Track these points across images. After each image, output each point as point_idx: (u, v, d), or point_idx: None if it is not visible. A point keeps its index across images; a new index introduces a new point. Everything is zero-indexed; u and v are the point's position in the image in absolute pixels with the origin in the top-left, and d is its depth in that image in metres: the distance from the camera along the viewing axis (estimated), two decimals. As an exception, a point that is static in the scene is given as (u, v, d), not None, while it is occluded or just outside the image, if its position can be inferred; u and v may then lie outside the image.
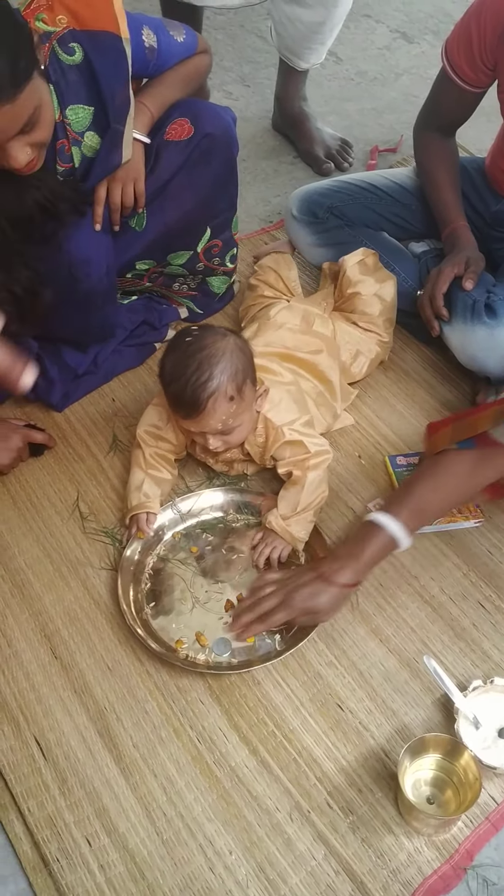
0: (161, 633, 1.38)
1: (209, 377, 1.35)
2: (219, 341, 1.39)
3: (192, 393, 1.36)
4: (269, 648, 1.36)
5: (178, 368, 1.37)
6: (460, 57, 1.62)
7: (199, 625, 1.39)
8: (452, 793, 1.19)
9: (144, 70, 1.44)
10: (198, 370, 1.36)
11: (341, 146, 2.28)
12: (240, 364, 1.39)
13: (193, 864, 1.17)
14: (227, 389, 1.37)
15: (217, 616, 1.40)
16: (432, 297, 1.63)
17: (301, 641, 1.34)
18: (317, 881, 1.16)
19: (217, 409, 1.37)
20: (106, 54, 1.33)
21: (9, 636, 1.39)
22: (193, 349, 1.37)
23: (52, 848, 1.19)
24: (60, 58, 1.31)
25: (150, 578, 1.45)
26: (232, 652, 1.35)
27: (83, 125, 1.37)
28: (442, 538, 1.51)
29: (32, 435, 1.59)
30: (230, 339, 1.41)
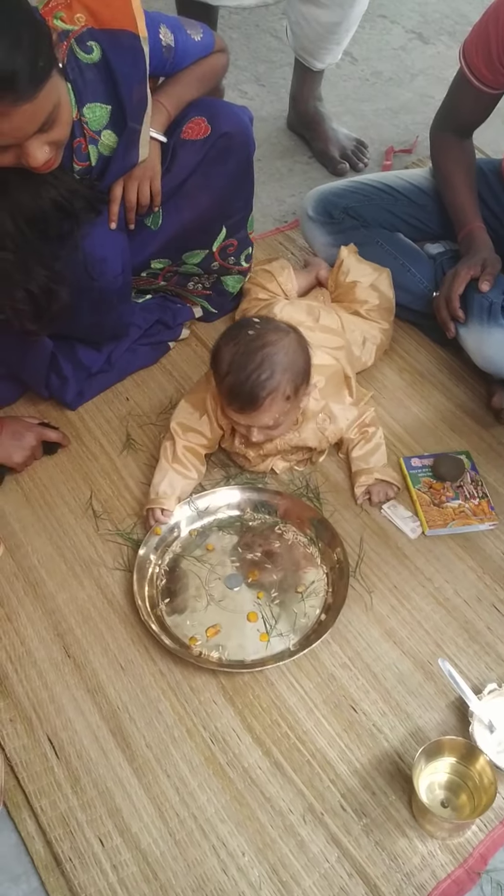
0: (175, 630, 1.38)
1: (270, 375, 1.36)
2: (283, 338, 1.39)
3: (251, 389, 1.36)
4: (283, 648, 1.36)
5: (239, 361, 1.37)
6: (478, 59, 1.61)
7: (212, 622, 1.39)
8: (467, 797, 1.19)
9: (162, 69, 1.43)
10: (259, 367, 1.36)
11: (356, 147, 2.28)
12: (301, 363, 1.41)
13: (206, 865, 1.17)
14: (286, 389, 1.38)
15: (230, 613, 1.39)
16: (448, 298, 1.62)
17: (315, 643, 1.34)
18: (330, 884, 1.15)
19: (273, 407, 1.38)
20: (124, 53, 1.33)
21: (22, 634, 1.39)
22: (256, 345, 1.37)
23: (64, 847, 1.18)
24: (78, 56, 1.31)
25: (165, 575, 1.45)
26: (245, 652, 1.36)
27: (100, 124, 1.37)
28: (456, 541, 1.50)
29: (46, 433, 1.59)
30: (292, 336, 1.41)
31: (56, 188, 1.33)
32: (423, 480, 1.56)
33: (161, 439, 1.58)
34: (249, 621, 1.39)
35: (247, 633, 1.38)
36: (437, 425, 1.68)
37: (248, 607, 1.40)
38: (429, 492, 1.54)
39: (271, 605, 1.41)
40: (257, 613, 1.39)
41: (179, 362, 1.79)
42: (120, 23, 1.32)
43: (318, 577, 1.44)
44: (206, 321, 1.85)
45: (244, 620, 1.39)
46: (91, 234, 1.43)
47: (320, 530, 1.48)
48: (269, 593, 1.42)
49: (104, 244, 1.46)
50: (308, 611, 1.40)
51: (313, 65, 2.18)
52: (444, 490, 1.54)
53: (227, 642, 1.36)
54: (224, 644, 1.36)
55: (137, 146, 1.40)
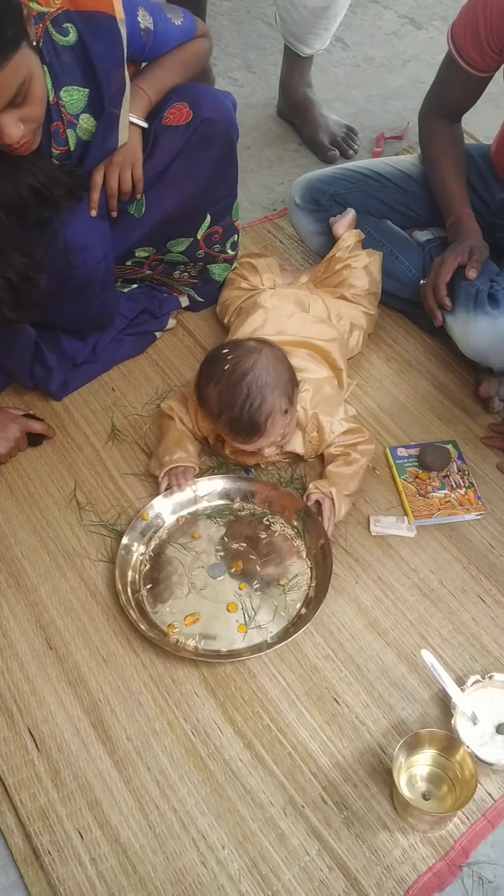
0: (155, 617, 1.37)
1: (262, 400, 1.35)
2: (258, 359, 1.38)
3: (249, 420, 1.36)
4: (261, 640, 1.35)
5: (227, 398, 1.37)
6: (466, 41, 1.58)
7: (192, 611, 1.38)
8: (448, 789, 1.18)
9: (140, 52, 1.41)
10: (249, 396, 1.35)
11: (346, 133, 2.25)
12: (285, 375, 1.40)
13: (186, 857, 1.16)
14: (281, 405, 1.37)
15: (210, 602, 1.39)
16: (435, 286, 1.60)
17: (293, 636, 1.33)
18: (310, 877, 1.15)
19: (275, 426, 1.38)
20: (100, 35, 1.31)
21: (3, 626, 1.38)
22: (236, 376, 1.36)
23: (43, 840, 1.18)
24: (54, 38, 1.29)
25: (149, 561, 1.44)
26: (222, 642, 1.35)
27: (78, 107, 1.35)
28: (442, 531, 1.49)
29: (31, 425, 1.58)
30: (265, 351, 1.40)
31: (35, 174, 1.31)
32: (408, 470, 1.54)
33: (152, 430, 1.59)
34: (229, 612, 1.38)
35: (225, 623, 1.37)
36: (424, 414, 1.66)
37: (229, 597, 1.40)
38: (414, 482, 1.52)
39: (252, 596, 1.40)
40: (237, 604, 1.38)
41: (166, 352, 1.78)
42: (96, 4, 1.30)
43: (302, 571, 1.43)
44: (193, 310, 1.83)
45: (224, 611, 1.38)
46: (71, 221, 1.41)
47: (308, 523, 1.46)
48: (252, 584, 1.41)
49: (85, 232, 1.44)
50: (289, 604, 1.39)
51: (302, 50, 2.16)
52: (430, 480, 1.52)
53: (205, 631, 1.36)
54: (201, 633, 1.35)
55: (116, 131, 1.38)
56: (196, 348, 1.78)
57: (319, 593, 1.38)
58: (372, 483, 1.54)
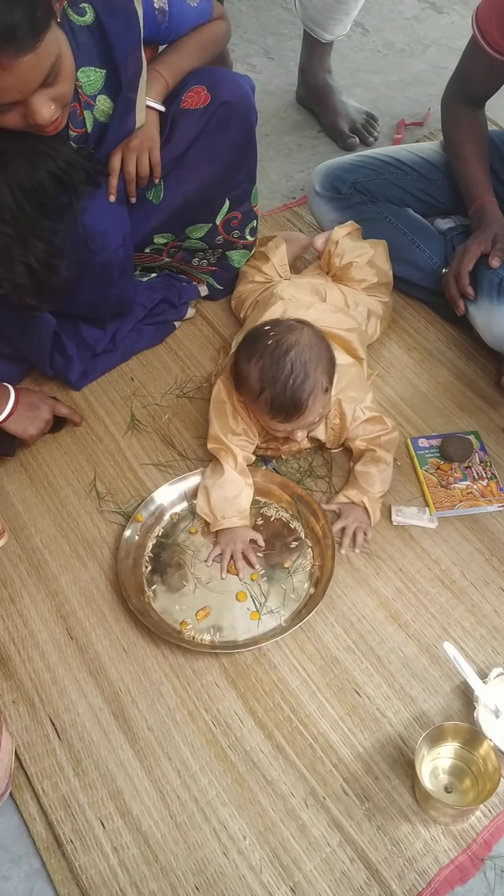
0: (165, 616, 1.37)
1: (306, 376, 1.34)
2: (300, 336, 1.37)
3: (292, 396, 1.34)
4: (275, 624, 1.35)
5: (270, 374, 1.35)
6: (491, 24, 1.56)
7: (202, 605, 1.38)
8: (471, 782, 1.17)
9: (156, 34, 1.40)
10: (293, 372, 1.34)
11: (367, 120, 2.23)
12: (325, 353, 1.39)
13: (207, 848, 1.17)
14: (323, 382, 1.37)
15: (219, 594, 1.39)
16: (458, 275, 1.59)
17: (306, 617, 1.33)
18: (331, 868, 1.15)
19: (316, 404, 1.37)
20: (117, 15, 1.29)
21: (25, 616, 1.38)
22: (280, 351, 1.35)
23: (66, 829, 1.18)
24: (71, 18, 1.27)
25: (150, 562, 1.44)
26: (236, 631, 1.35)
27: (95, 88, 1.33)
28: (464, 522, 1.47)
29: (59, 408, 1.57)
30: (306, 329, 1.39)
31: (54, 160, 1.30)
32: (430, 461, 1.53)
33: (171, 420, 1.58)
34: (239, 601, 1.38)
35: (237, 612, 1.37)
36: (445, 405, 1.65)
37: (237, 587, 1.40)
38: (436, 473, 1.51)
39: (259, 582, 1.40)
40: (246, 592, 1.39)
41: (185, 342, 1.77)
42: None
43: (304, 552, 1.43)
44: (212, 299, 1.82)
45: (233, 601, 1.38)
46: (90, 207, 1.40)
47: (301, 505, 1.47)
48: (257, 571, 1.41)
49: (104, 217, 1.43)
50: (297, 585, 1.40)
51: (322, 36, 2.13)
52: (451, 471, 1.51)
53: (219, 623, 1.36)
54: (215, 626, 1.35)
55: (133, 114, 1.37)
56: (215, 337, 1.77)
57: (325, 572, 1.38)
58: (393, 473, 1.53)
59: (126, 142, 1.41)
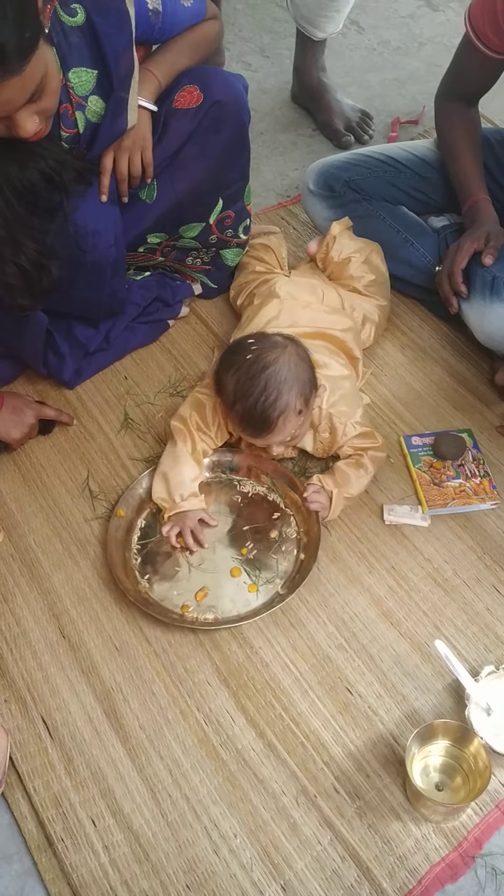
0: (164, 603, 1.38)
1: (277, 396, 1.34)
2: (281, 355, 1.36)
3: (261, 413, 1.34)
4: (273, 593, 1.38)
5: (243, 389, 1.35)
6: (484, 23, 1.56)
7: (199, 587, 1.40)
8: (462, 780, 1.17)
9: (149, 34, 1.40)
10: (265, 390, 1.33)
11: (361, 118, 2.23)
12: (304, 376, 1.38)
13: (198, 846, 1.17)
14: (296, 404, 1.36)
15: (212, 574, 1.41)
16: (451, 273, 1.58)
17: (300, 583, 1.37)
18: (322, 866, 1.15)
19: (286, 425, 1.37)
20: (108, 15, 1.29)
21: (17, 615, 1.38)
22: (256, 368, 1.35)
23: (57, 828, 1.18)
24: (62, 19, 1.27)
25: (138, 554, 1.44)
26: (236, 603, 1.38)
27: (86, 89, 1.33)
28: (457, 520, 1.47)
29: (45, 411, 1.57)
30: (290, 348, 1.38)
31: (45, 159, 1.30)
32: (423, 459, 1.53)
33: (165, 418, 1.57)
34: (233, 577, 1.40)
35: (234, 588, 1.39)
36: (438, 402, 1.64)
37: (229, 564, 1.42)
38: (429, 471, 1.51)
39: (249, 556, 1.42)
40: (239, 568, 1.41)
41: (179, 340, 1.77)
42: None
43: (287, 521, 1.46)
44: (207, 298, 1.82)
45: (228, 578, 1.41)
46: (81, 206, 1.40)
47: (276, 478, 1.49)
48: (245, 545, 1.44)
49: (95, 216, 1.43)
50: (286, 554, 1.43)
51: (314, 34, 2.13)
52: (444, 469, 1.51)
53: (218, 602, 1.38)
54: (215, 605, 1.37)
55: (125, 113, 1.37)
56: (209, 336, 1.77)
57: (311, 536, 1.42)
58: (386, 472, 1.53)
59: (118, 142, 1.41)
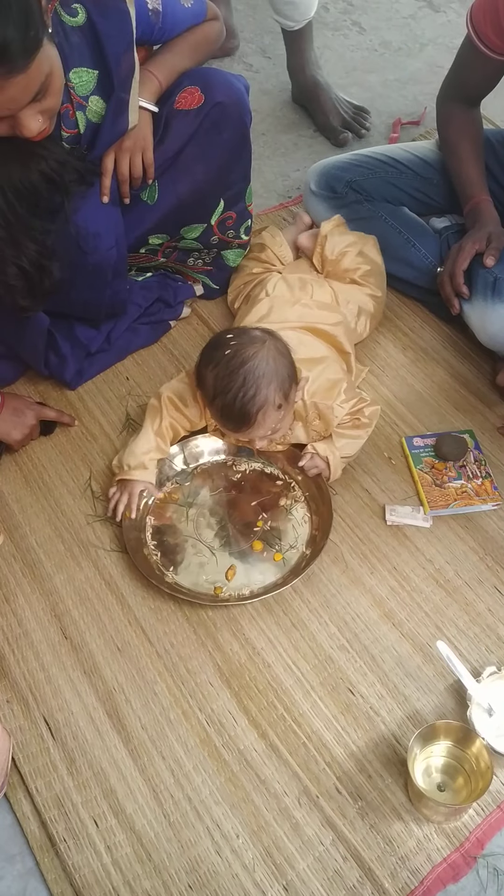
0: (197, 589, 1.39)
1: (256, 391, 1.34)
2: (259, 350, 1.36)
3: (240, 409, 1.34)
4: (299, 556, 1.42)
5: (222, 384, 1.35)
6: (486, 24, 1.56)
7: (226, 566, 1.42)
8: (464, 780, 1.17)
9: (150, 35, 1.40)
10: (244, 385, 1.34)
11: (357, 113, 2.23)
12: (284, 370, 1.38)
13: (200, 846, 1.17)
14: (275, 399, 1.36)
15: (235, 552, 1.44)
16: (452, 274, 1.59)
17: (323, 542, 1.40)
18: (324, 867, 1.15)
19: (266, 420, 1.37)
20: (109, 15, 1.29)
21: (19, 615, 1.39)
22: (235, 363, 1.35)
23: (59, 828, 1.18)
24: (63, 19, 1.27)
25: (156, 549, 1.45)
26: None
27: (87, 89, 1.33)
28: (458, 521, 1.47)
29: (45, 412, 1.58)
30: (269, 343, 1.38)
31: (46, 160, 1.30)
32: (424, 460, 1.53)
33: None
34: (256, 550, 1.43)
35: (260, 560, 1.42)
36: (440, 403, 1.65)
37: (249, 539, 1.45)
38: (431, 472, 1.51)
39: (266, 528, 1.46)
40: (259, 541, 1.44)
41: (180, 341, 1.77)
42: None
43: (292, 488, 1.50)
44: (208, 298, 1.82)
45: (251, 552, 1.43)
46: (82, 207, 1.40)
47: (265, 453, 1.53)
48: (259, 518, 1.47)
49: (96, 218, 1.43)
50: (300, 518, 1.47)
51: (286, 25, 2.15)
52: (446, 470, 1.51)
53: (249, 578, 1.40)
54: (247, 581, 1.40)
55: (126, 113, 1.37)
56: (210, 337, 1.77)
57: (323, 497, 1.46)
58: (387, 472, 1.54)
59: (119, 142, 1.41)
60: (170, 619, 1.37)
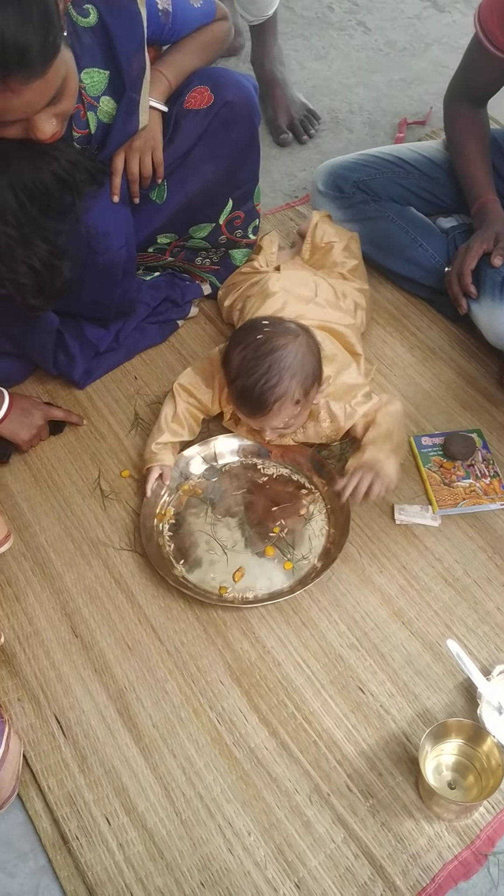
0: (203, 585, 1.40)
1: (278, 381, 1.34)
2: (291, 342, 1.37)
3: (259, 394, 1.35)
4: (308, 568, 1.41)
5: (246, 366, 1.35)
6: (493, 23, 1.56)
7: (235, 568, 1.42)
8: (474, 778, 1.18)
9: (159, 35, 1.40)
10: (268, 372, 1.34)
11: (306, 117, 2.23)
12: (310, 367, 1.38)
13: (212, 844, 1.17)
14: (296, 393, 1.36)
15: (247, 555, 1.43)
16: (460, 273, 1.59)
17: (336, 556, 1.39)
18: (336, 864, 1.15)
19: (283, 411, 1.37)
20: (121, 15, 1.29)
21: (30, 614, 1.39)
22: (264, 349, 1.35)
23: (71, 826, 1.19)
24: (74, 20, 1.27)
25: (171, 540, 1.46)
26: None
27: (98, 89, 1.34)
28: (467, 520, 1.48)
29: (53, 412, 1.58)
30: (302, 338, 1.38)
31: (57, 160, 1.30)
32: (433, 459, 1.53)
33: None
34: (268, 556, 1.43)
35: (270, 567, 1.42)
36: (448, 403, 1.65)
37: (263, 543, 1.44)
38: (439, 471, 1.52)
39: (282, 535, 1.45)
40: (273, 547, 1.43)
41: (188, 340, 1.77)
42: None
43: (314, 497, 1.49)
44: (216, 298, 1.83)
45: (263, 557, 1.43)
46: (93, 207, 1.41)
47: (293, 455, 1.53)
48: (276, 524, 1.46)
49: (107, 217, 1.44)
50: (317, 530, 1.45)
51: (248, 20, 2.17)
52: (454, 469, 1.52)
53: (255, 582, 1.40)
54: (253, 584, 1.40)
55: (137, 114, 1.37)
56: (218, 336, 1.77)
57: (342, 511, 1.43)
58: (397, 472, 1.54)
59: (129, 142, 1.41)
60: (180, 617, 1.38)
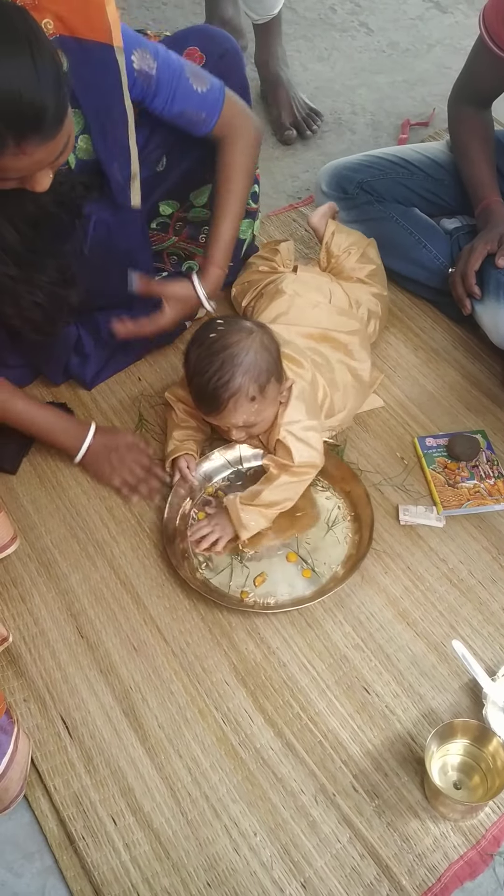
0: (224, 589, 1.40)
1: (230, 378, 1.35)
2: (244, 339, 1.37)
3: (212, 391, 1.36)
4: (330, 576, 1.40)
5: (200, 365, 1.37)
6: (498, 24, 1.57)
7: (256, 573, 1.42)
8: (480, 779, 1.18)
9: (141, 97, 1.37)
10: (220, 370, 1.35)
11: (309, 114, 2.24)
12: (264, 364, 1.38)
13: (218, 844, 1.17)
14: (249, 390, 1.36)
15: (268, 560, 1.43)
16: (464, 274, 1.59)
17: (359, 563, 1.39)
18: (342, 864, 1.15)
19: (238, 408, 1.38)
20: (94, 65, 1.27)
21: (35, 615, 1.39)
22: (217, 347, 1.36)
23: (77, 826, 1.19)
24: None
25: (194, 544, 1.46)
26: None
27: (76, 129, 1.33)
28: (471, 521, 1.48)
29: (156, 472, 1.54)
30: (256, 336, 1.39)
31: (53, 188, 1.29)
32: (437, 460, 1.54)
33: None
34: (290, 562, 1.43)
35: (291, 573, 1.42)
36: (452, 404, 1.65)
37: (284, 550, 1.44)
38: (443, 472, 1.52)
39: (305, 541, 1.45)
40: (295, 553, 1.43)
41: (192, 342, 1.78)
42: (92, 33, 1.26)
43: (337, 503, 1.49)
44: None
45: (285, 563, 1.43)
46: (98, 211, 1.41)
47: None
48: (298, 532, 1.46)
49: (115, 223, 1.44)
50: (340, 536, 1.45)
51: (253, 19, 2.18)
52: (458, 470, 1.52)
53: (275, 588, 1.40)
54: (273, 590, 1.39)
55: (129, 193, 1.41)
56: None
57: (365, 515, 1.44)
58: (400, 472, 1.54)
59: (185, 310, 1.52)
60: (185, 618, 1.38)
